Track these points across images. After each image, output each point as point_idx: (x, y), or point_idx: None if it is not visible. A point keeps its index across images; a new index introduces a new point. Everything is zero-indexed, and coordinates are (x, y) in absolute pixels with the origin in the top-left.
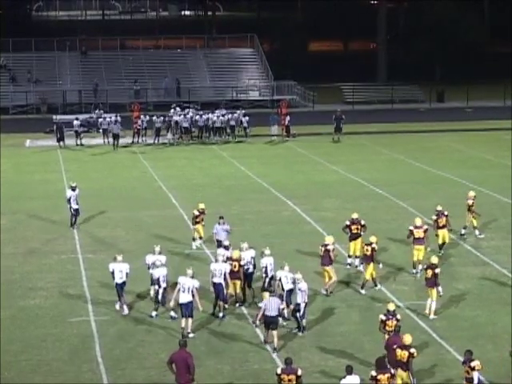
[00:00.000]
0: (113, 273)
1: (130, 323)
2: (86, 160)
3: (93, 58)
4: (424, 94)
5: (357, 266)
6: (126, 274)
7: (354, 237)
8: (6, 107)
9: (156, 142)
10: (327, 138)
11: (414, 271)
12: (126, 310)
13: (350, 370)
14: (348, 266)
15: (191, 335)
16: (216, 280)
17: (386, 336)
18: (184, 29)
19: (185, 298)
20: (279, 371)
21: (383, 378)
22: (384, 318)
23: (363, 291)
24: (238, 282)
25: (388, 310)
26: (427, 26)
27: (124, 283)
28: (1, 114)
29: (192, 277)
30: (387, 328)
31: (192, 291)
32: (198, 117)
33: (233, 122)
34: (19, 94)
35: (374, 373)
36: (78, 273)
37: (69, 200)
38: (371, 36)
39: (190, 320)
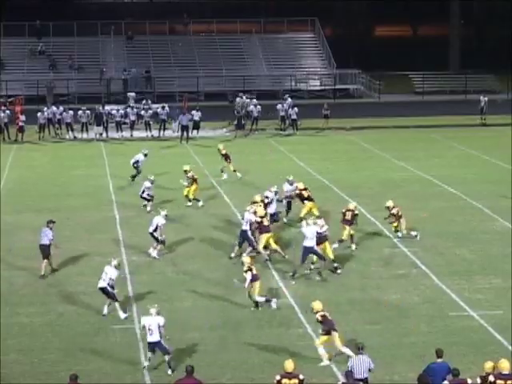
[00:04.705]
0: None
1: (178, 332)
2: (132, 154)
3: (139, 43)
4: (501, 84)
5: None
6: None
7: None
8: (45, 96)
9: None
10: (394, 132)
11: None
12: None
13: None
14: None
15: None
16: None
17: None
18: (238, 12)
19: (154, 337)
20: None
21: None
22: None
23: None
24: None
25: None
26: (505, 9)
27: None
28: (40, 104)
29: (158, 313)
30: None
31: (159, 331)
32: (252, 107)
33: (282, 113)
34: (59, 82)
35: None
36: (123, 277)
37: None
38: (443, 20)
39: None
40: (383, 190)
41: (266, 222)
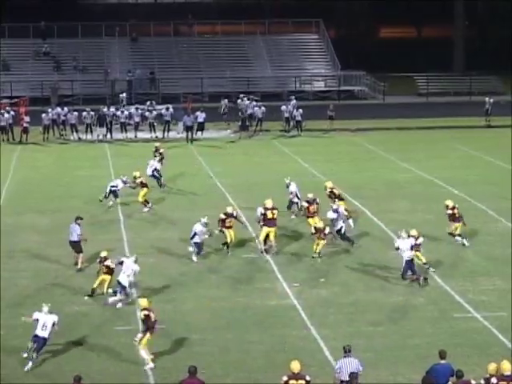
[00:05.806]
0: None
1: (182, 333)
2: (136, 155)
3: (144, 44)
4: (504, 86)
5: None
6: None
7: None
8: (50, 97)
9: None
10: (398, 133)
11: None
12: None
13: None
14: None
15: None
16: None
17: None
18: (243, 13)
19: (45, 333)
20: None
21: None
22: None
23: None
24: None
25: None
26: (506, 9)
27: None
28: (44, 105)
29: (51, 312)
30: None
31: (53, 329)
32: (256, 108)
33: (287, 115)
34: (64, 83)
35: None
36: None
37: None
38: (446, 21)
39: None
40: (386, 191)
41: (269, 215)
